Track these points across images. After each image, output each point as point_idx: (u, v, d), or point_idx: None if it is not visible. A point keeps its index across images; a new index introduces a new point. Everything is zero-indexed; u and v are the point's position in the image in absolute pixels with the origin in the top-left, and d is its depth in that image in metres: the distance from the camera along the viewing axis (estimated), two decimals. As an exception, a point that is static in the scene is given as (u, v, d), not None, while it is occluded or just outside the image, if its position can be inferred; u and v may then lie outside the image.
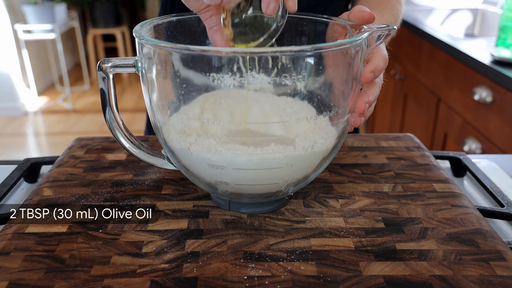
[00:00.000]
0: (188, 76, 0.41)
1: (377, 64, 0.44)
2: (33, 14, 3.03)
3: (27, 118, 3.15)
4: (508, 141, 1.17)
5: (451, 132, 1.45)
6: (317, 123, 0.44)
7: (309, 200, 0.50)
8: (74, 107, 3.30)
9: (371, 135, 0.66)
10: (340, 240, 0.43)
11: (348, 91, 0.44)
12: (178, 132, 0.44)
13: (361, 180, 0.54)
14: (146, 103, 0.45)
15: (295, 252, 0.41)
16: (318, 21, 0.50)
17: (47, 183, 0.53)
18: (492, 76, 1.20)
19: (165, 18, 0.49)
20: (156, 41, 0.40)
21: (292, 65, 0.39)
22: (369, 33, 0.42)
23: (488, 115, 1.24)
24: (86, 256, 0.40)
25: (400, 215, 0.47)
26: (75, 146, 0.63)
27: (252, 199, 0.46)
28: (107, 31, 3.66)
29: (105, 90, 0.45)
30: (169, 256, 0.40)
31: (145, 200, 0.50)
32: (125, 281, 0.37)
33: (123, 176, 0.55)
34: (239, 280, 0.38)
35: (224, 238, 0.43)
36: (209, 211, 0.48)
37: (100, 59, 0.45)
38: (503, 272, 0.39)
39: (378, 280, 0.38)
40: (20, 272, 0.38)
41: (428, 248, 0.42)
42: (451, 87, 1.43)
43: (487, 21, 1.85)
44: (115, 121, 0.46)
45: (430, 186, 0.53)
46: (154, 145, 0.63)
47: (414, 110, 1.73)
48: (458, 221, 0.46)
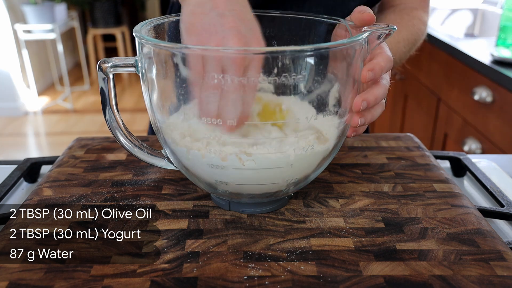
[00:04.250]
0: (188, 75, 0.41)
1: (376, 63, 0.43)
2: (33, 14, 3.03)
3: (27, 118, 3.15)
4: (508, 141, 1.17)
5: (451, 132, 1.45)
6: (317, 123, 0.44)
7: (309, 200, 0.50)
8: (74, 107, 3.30)
9: (371, 135, 0.66)
10: (340, 240, 0.43)
11: (348, 91, 0.44)
12: (178, 132, 0.44)
13: (361, 180, 0.54)
14: (146, 103, 0.45)
15: (295, 252, 0.41)
16: (318, 21, 0.50)
17: (47, 183, 0.53)
18: (492, 76, 1.20)
19: (165, 18, 0.49)
20: (156, 41, 0.40)
21: (292, 65, 0.39)
22: (369, 33, 0.42)
23: (488, 115, 1.25)
24: (86, 256, 0.40)
25: (400, 215, 0.47)
26: (75, 146, 0.63)
27: (252, 199, 0.46)
28: (107, 31, 3.66)
29: (105, 90, 0.45)
30: (169, 256, 0.40)
31: (145, 200, 0.50)
32: (125, 281, 0.37)
33: (123, 176, 0.55)
34: (239, 280, 0.38)
35: (224, 238, 0.43)
36: (209, 211, 0.48)
37: (100, 59, 0.45)
38: (503, 272, 0.39)
39: (378, 280, 0.38)
40: (20, 272, 0.38)
41: (428, 248, 0.42)
42: (451, 87, 1.43)
43: (487, 21, 1.85)
44: (115, 121, 0.46)
45: (430, 186, 0.53)
46: (154, 145, 0.63)
47: (414, 110, 1.73)
48: (458, 221, 0.46)
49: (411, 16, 0.70)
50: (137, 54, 0.44)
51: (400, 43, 0.66)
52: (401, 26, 0.67)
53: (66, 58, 3.82)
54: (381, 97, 0.45)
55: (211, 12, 0.40)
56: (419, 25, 0.70)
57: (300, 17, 0.51)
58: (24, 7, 3.03)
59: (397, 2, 0.73)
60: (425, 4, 0.73)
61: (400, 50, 0.67)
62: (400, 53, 0.67)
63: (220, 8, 0.40)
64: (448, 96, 1.45)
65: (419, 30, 0.70)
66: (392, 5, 0.73)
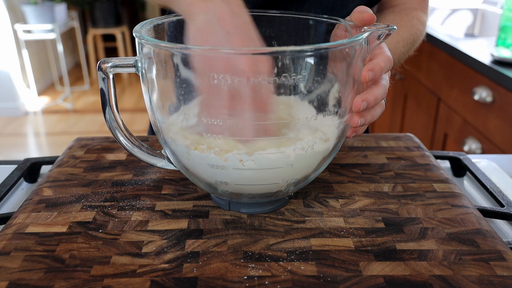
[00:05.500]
0: (188, 76, 0.41)
1: (376, 63, 0.43)
2: (33, 14, 3.03)
3: (27, 118, 3.16)
4: (508, 141, 1.17)
5: (451, 132, 1.45)
6: (317, 123, 0.44)
7: (309, 200, 0.50)
8: (74, 107, 3.30)
9: (371, 135, 0.67)
10: (340, 240, 0.43)
11: (348, 91, 0.44)
12: (178, 132, 0.44)
13: (361, 180, 0.54)
14: (146, 103, 0.45)
15: (295, 252, 0.41)
16: (318, 21, 0.50)
17: (47, 183, 0.53)
18: (492, 76, 1.20)
19: (165, 18, 0.49)
20: (156, 41, 0.40)
21: (292, 65, 0.39)
22: (369, 33, 0.42)
23: (488, 115, 1.25)
24: (86, 256, 0.40)
25: (400, 215, 0.47)
26: (75, 146, 0.63)
27: (252, 199, 0.46)
28: (107, 31, 3.66)
29: (105, 90, 0.45)
30: (169, 256, 0.40)
31: (145, 200, 0.50)
32: (125, 281, 0.37)
33: (123, 176, 0.55)
34: (239, 280, 0.38)
35: (224, 238, 0.43)
36: (209, 211, 0.48)
37: (100, 59, 0.45)
38: (503, 272, 0.39)
39: (378, 280, 0.38)
40: (20, 272, 0.38)
41: (428, 248, 0.42)
42: (451, 87, 1.43)
43: (487, 21, 1.85)
44: (115, 121, 0.46)
45: (430, 186, 0.53)
46: (154, 145, 0.63)
47: (414, 110, 1.73)
48: (458, 221, 0.46)
49: (410, 17, 0.70)
50: (137, 54, 0.44)
51: (399, 43, 0.67)
52: (400, 26, 0.67)
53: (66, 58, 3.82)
54: (381, 97, 0.45)
55: (218, 30, 0.41)
56: (418, 26, 0.70)
57: (300, 17, 0.51)
58: (24, 7, 3.03)
59: (396, 3, 0.73)
60: (424, 4, 0.73)
61: (399, 51, 0.67)
62: (399, 54, 0.67)
63: (226, 26, 0.41)
64: (448, 96, 1.45)
65: (418, 31, 0.70)
66: (391, 5, 0.73)
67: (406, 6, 0.72)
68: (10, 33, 3.08)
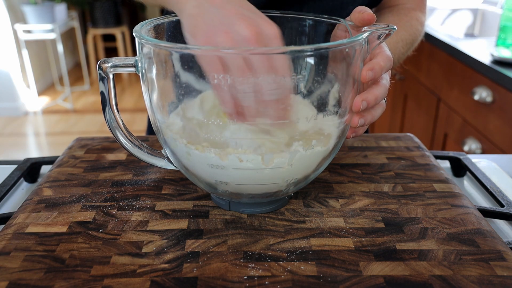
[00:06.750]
0: (188, 76, 0.41)
1: (376, 62, 0.43)
2: (33, 14, 3.03)
3: (27, 118, 3.16)
4: (508, 141, 1.17)
5: (451, 132, 1.45)
6: (317, 123, 0.44)
7: (309, 200, 0.50)
8: (74, 107, 3.30)
9: (371, 135, 0.67)
10: (340, 240, 0.43)
11: (348, 91, 0.44)
12: (178, 132, 0.44)
13: (361, 180, 0.54)
14: (146, 103, 0.45)
15: (295, 252, 0.41)
16: (318, 21, 0.50)
17: (47, 183, 0.53)
18: (492, 76, 1.20)
19: (165, 18, 0.49)
20: (156, 41, 0.40)
21: (292, 65, 0.39)
22: (369, 33, 0.42)
23: (488, 115, 1.25)
24: (86, 256, 0.40)
25: (400, 215, 0.47)
26: (75, 146, 0.63)
27: (252, 199, 0.46)
28: (107, 31, 3.66)
29: (105, 90, 0.45)
30: (169, 256, 0.40)
31: (145, 200, 0.50)
32: (125, 281, 0.37)
33: (123, 176, 0.55)
34: (239, 280, 0.38)
35: (224, 238, 0.43)
36: (209, 211, 0.48)
37: (100, 59, 0.45)
38: (503, 272, 0.39)
39: (378, 280, 0.38)
40: (20, 272, 0.38)
41: (428, 248, 0.42)
42: (451, 87, 1.43)
43: (487, 21, 1.85)
44: (115, 121, 0.46)
45: (430, 186, 0.53)
46: (154, 145, 0.63)
47: (414, 110, 1.73)
48: (458, 221, 0.46)
49: (409, 17, 0.70)
50: (137, 54, 0.44)
51: (398, 44, 0.67)
52: (399, 26, 0.67)
53: (66, 58, 3.82)
54: (381, 97, 0.45)
55: (209, 9, 0.40)
56: (417, 26, 0.70)
57: (300, 17, 0.51)
58: (24, 7, 3.03)
59: (394, 3, 0.73)
60: (422, 4, 0.74)
61: (399, 51, 0.67)
62: (399, 54, 0.67)
63: (216, 3, 0.40)
64: (448, 96, 1.46)
65: (417, 31, 0.70)
66: (389, 6, 0.73)
67: (404, 6, 0.72)
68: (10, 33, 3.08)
